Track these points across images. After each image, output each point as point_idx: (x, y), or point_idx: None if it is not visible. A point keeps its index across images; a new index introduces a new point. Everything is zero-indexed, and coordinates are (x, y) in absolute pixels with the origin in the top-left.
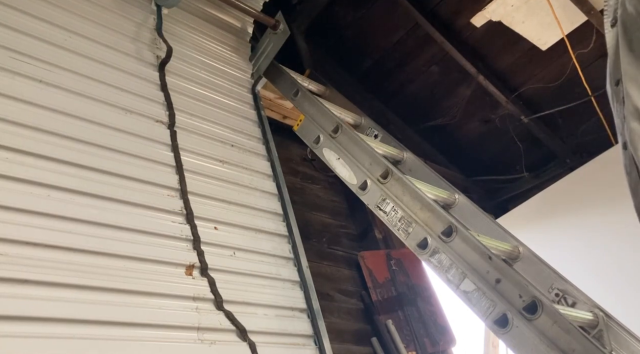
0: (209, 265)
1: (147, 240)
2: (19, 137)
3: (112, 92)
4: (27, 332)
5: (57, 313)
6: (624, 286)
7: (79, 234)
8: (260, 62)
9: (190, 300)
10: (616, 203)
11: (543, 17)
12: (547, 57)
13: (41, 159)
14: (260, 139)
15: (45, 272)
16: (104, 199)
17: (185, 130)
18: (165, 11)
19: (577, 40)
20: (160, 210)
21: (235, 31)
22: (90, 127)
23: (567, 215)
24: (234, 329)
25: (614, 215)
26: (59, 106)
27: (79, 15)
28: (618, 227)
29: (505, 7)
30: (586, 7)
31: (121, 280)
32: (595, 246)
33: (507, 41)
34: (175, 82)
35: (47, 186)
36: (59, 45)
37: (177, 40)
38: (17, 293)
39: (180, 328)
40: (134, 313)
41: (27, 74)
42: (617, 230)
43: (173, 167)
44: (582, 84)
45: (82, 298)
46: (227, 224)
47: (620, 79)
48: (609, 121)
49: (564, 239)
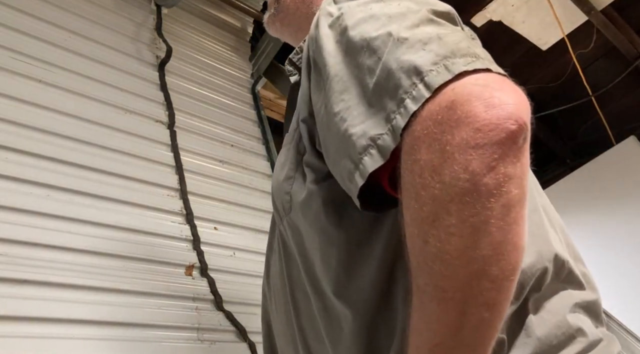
0: (209, 265)
1: (147, 240)
2: (19, 137)
3: (111, 92)
4: (27, 332)
5: (57, 313)
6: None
7: (79, 234)
8: (260, 62)
9: (190, 300)
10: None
11: (543, 17)
12: (547, 57)
13: (41, 159)
14: (260, 139)
15: (45, 272)
16: (104, 199)
17: (185, 130)
18: (165, 11)
19: (577, 40)
20: (160, 210)
21: (235, 31)
22: (90, 127)
23: (567, 215)
24: (234, 329)
25: (614, 215)
26: (58, 106)
27: (79, 15)
28: (618, 227)
29: (506, 7)
30: (586, 7)
31: (121, 280)
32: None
33: (508, 41)
34: (175, 82)
35: (47, 186)
36: (59, 45)
37: (177, 40)
38: (17, 293)
39: (180, 328)
40: (133, 313)
41: (27, 74)
42: (617, 230)
43: (173, 167)
44: (582, 84)
45: (82, 298)
46: (227, 224)
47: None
48: (609, 121)
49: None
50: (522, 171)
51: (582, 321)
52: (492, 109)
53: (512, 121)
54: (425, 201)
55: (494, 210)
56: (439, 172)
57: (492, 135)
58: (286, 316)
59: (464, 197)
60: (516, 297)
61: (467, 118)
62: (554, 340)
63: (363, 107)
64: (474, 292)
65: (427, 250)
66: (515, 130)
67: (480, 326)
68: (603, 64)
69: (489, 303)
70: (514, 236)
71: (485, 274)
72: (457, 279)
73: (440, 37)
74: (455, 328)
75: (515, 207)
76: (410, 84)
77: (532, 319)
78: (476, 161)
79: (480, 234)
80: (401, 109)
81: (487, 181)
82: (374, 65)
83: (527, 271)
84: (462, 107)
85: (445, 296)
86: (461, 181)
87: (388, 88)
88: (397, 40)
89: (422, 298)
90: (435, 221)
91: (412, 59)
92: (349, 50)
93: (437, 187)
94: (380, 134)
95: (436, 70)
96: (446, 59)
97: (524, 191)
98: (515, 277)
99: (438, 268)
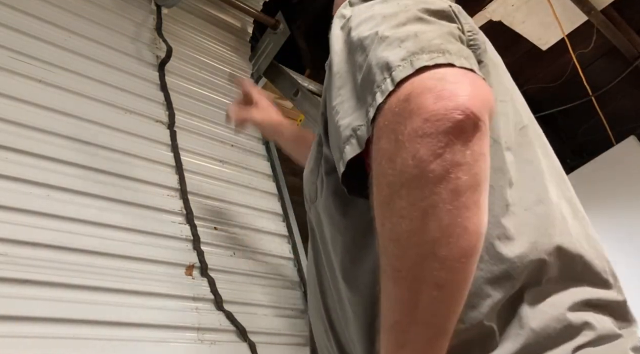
0: (209, 265)
1: (147, 240)
2: (19, 137)
3: (111, 92)
4: (27, 332)
5: (57, 313)
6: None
7: (79, 234)
8: (260, 62)
9: (190, 300)
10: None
11: (543, 17)
12: (547, 57)
13: (41, 159)
14: (260, 139)
15: (45, 272)
16: (104, 199)
17: (185, 130)
18: (165, 11)
19: (577, 40)
20: (160, 210)
21: (235, 31)
22: (90, 127)
23: None
24: (234, 329)
25: (614, 215)
26: (58, 106)
27: (79, 15)
28: (618, 227)
29: (506, 7)
30: (586, 7)
31: (121, 280)
32: None
33: (508, 41)
34: (175, 82)
35: (47, 186)
36: (59, 45)
37: (177, 40)
38: (17, 293)
39: (180, 328)
40: (133, 313)
41: (27, 74)
42: (617, 230)
43: (173, 167)
44: (582, 84)
45: (82, 298)
46: (227, 224)
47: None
48: (609, 121)
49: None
50: (472, 158)
51: (593, 317)
52: (441, 100)
53: (459, 112)
54: (383, 187)
55: (441, 194)
56: (392, 160)
57: (439, 125)
58: (315, 297)
59: (412, 182)
60: (504, 286)
61: (418, 109)
62: (551, 333)
63: (353, 100)
64: (424, 272)
65: (384, 232)
66: (461, 119)
67: (432, 304)
68: (603, 64)
69: (439, 283)
70: (464, 221)
71: (434, 255)
72: (408, 259)
73: (417, 35)
74: (409, 306)
75: (465, 192)
76: (382, 79)
77: (527, 310)
78: (423, 149)
79: (428, 218)
80: (373, 102)
81: (434, 167)
82: (362, 62)
83: (517, 261)
84: (416, 99)
85: (399, 275)
86: (410, 167)
87: (368, 83)
88: (380, 39)
89: (383, 277)
90: (389, 204)
91: (386, 56)
92: (350, 50)
93: (390, 173)
94: (360, 125)
95: (402, 65)
96: (414, 55)
97: (477, 178)
98: (468, 259)
99: (392, 249)
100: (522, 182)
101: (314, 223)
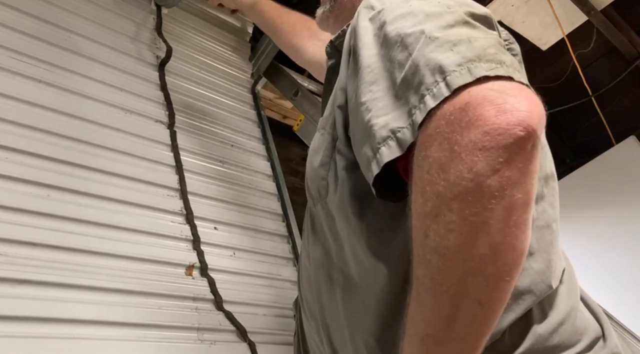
0: (209, 265)
1: (146, 240)
2: (19, 137)
3: (111, 92)
4: (27, 332)
5: (56, 313)
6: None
7: (79, 234)
8: (260, 62)
9: (190, 300)
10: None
11: (543, 17)
12: (547, 57)
13: (41, 159)
14: (260, 139)
15: (44, 272)
16: (104, 199)
17: (185, 130)
18: (165, 11)
19: (577, 40)
20: (160, 210)
21: (235, 31)
22: (90, 127)
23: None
24: (234, 329)
25: (614, 215)
26: (58, 106)
27: (79, 15)
28: (618, 227)
29: (506, 7)
30: (586, 7)
31: (121, 280)
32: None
33: None
34: (175, 82)
35: (47, 186)
36: (59, 45)
37: (177, 40)
38: (16, 293)
39: (180, 328)
40: (133, 313)
41: (27, 74)
42: (617, 230)
43: (173, 167)
44: (582, 84)
45: (81, 298)
46: (227, 224)
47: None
48: (609, 121)
49: (563, 239)
50: (528, 176)
51: (586, 319)
52: (503, 114)
53: (521, 128)
54: (430, 197)
55: (494, 211)
56: (445, 171)
57: (500, 139)
58: (310, 293)
59: (466, 196)
60: (526, 301)
61: (477, 121)
62: (556, 338)
63: (389, 99)
64: (468, 288)
65: (427, 243)
66: (523, 136)
67: (472, 321)
68: (603, 64)
69: (482, 300)
70: (513, 239)
71: (481, 272)
72: (452, 274)
73: (470, 41)
74: (447, 320)
75: (517, 210)
76: (433, 81)
77: (535, 315)
78: (481, 163)
79: (478, 233)
80: (421, 105)
81: (491, 183)
82: (404, 60)
83: (537, 277)
84: (475, 110)
85: (440, 289)
86: (465, 181)
87: (413, 83)
88: (429, 39)
89: (419, 288)
90: (437, 216)
91: (439, 58)
92: (384, 44)
93: (441, 184)
94: (401, 127)
95: (459, 71)
96: (471, 62)
97: (529, 196)
98: (512, 278)
99: (435, 262)
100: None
101: (323, 220)
